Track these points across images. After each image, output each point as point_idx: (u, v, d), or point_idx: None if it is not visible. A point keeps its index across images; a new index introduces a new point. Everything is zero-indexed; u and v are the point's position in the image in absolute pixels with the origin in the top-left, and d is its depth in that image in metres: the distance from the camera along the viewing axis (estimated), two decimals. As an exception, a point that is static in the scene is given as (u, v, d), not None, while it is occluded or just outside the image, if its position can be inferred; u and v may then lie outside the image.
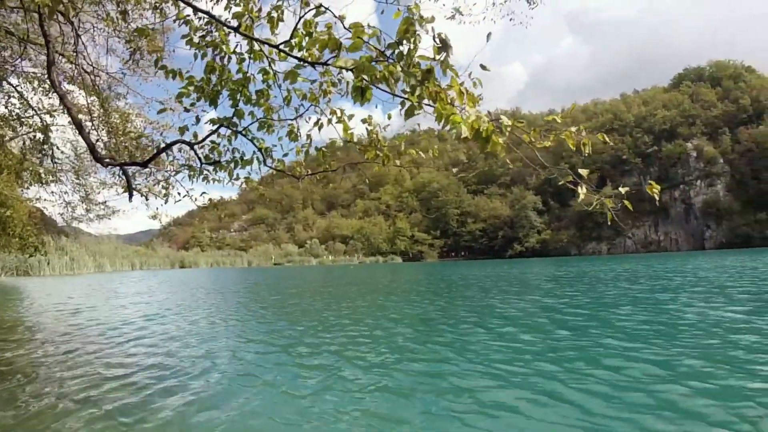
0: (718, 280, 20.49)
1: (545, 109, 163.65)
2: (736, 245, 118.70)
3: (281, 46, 3.99)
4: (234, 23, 4.18)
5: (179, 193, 6.19)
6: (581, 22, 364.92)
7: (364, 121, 4.61)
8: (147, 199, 7.78)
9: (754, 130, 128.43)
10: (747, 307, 11.78)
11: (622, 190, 3.51)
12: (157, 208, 7.69)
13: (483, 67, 3.23)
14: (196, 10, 4.35)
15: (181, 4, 4.62)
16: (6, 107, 9.09)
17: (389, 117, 3.97)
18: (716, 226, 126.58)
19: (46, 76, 8.32)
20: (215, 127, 4.82)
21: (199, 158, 5.25)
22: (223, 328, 11.53)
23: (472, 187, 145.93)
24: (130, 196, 5.66)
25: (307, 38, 3.90)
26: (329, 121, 4.47)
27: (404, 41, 3.14)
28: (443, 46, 3.02)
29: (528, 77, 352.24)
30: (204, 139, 4.98)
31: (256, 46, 4.39)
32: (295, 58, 3.84)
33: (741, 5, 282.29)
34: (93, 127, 9.05)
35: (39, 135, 9.46)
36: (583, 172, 3.37)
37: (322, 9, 3.50)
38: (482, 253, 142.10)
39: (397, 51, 3.17)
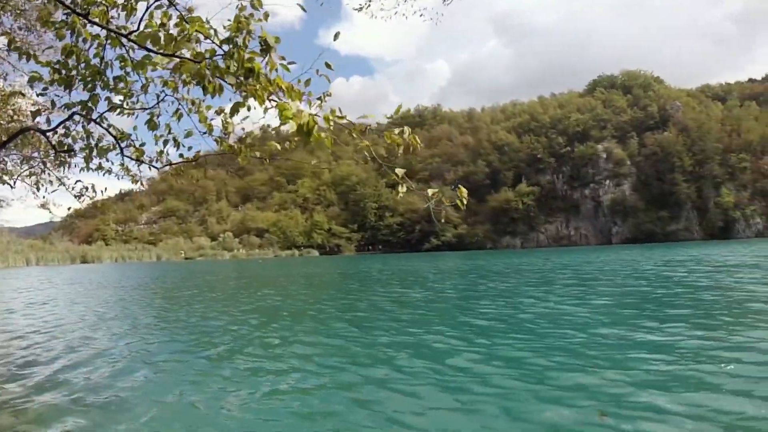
0: (593, 273, 22.85)
1: (466, 107, 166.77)
2: (640, 240, 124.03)
3: (133, 36, 3.87)
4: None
5: (51, 182, 6.34)
6: (506, 25, 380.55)
7: (217, 112, 4.69)
8: (13, 187, 7.13)
9: (659, 135, 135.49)
10: (585, 300, 12.99)
11: (430, 191, 3.55)
12: (44, 197, 7.07)
13: (327, 65, 3.51)
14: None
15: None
16: None
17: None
18: (622, 222, 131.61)
19: None
20: (70, 112, 4.69)
21: (53, 146, 5.21)
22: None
23: (390, 181, 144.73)
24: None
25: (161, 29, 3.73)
26: (189, 111, 4.61)
27: (236, 38, 3.30)
28: (265, 47, 3.27)
29: (452, 75, 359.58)
30: (57, 126, 4.97)
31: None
32: (144, 48, 3.79)
33: (654, 24, 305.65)
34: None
35: None
36: (399, 171, 3.46)
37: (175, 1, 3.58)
38: (399, 246, 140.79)
39: (229, 47, 3.32)
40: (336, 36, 3.62)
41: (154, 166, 5.42)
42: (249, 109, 3.52)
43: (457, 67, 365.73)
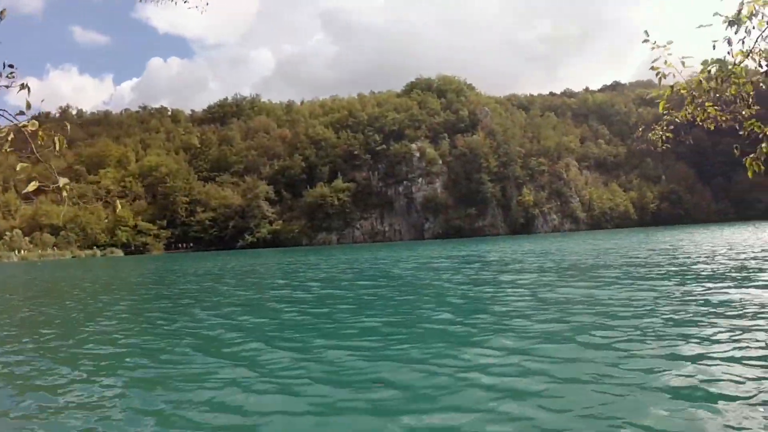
0: (356, 270, 25.91)
1: (285, 100, 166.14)
2: (450, 235, 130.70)
3: None
4: None
5: None
6: (333, 21, 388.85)
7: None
8: None
9: (469, 138, 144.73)
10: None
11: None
12: None
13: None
14: None
15: None
16: None
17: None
18: (434, 218, 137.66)
19: None
20: None
21: None
22: None
23: (203, 174, 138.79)
24: None
25: None
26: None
27: None
28: None
29: (276, 65, 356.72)
30: None
31: None
32: None
33: (475, 38, 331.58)
34: None
35: None
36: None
37: None
38: (212, 243, 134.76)
39: None
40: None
41: None
42: None
43: (283, 57, 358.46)
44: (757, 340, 7.29)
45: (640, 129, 6.50)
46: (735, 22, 5.27)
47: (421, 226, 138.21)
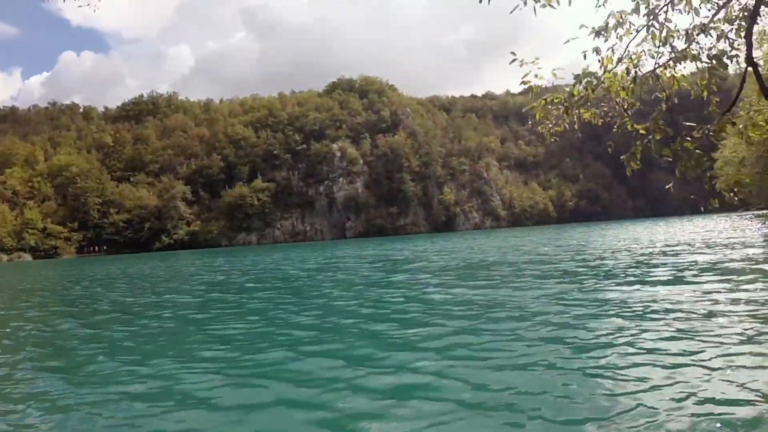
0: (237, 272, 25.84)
1: (204, 98, 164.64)
2: (372, 234, 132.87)
3: None
4: None
5: None
6: (256, 19, 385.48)
7: None
8: None
9: (390, 138, 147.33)
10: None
11: None
12: None
13: None
14: None
15: None
16: None
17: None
18: (355, 218, 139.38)
19: None
20: None
21: None
22: None
23: (116, 174, 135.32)
24: None
25: None
26: None
27: None
28: None
29: (196, 63, 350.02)
30: None
31: None
32: None
33: (400, 39, 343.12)
34: None
35: None
36: None
37: None
38: (127, 246, 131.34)
39: None
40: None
41: None
42: None
43: (203, 55, 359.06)
44: (634, 343, 6.55)
45: (530, 122, 6.46)
46: (601, 32, 5.52)
47: (343, 226, 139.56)
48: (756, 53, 5.55)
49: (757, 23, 5.49)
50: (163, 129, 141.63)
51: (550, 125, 5.96)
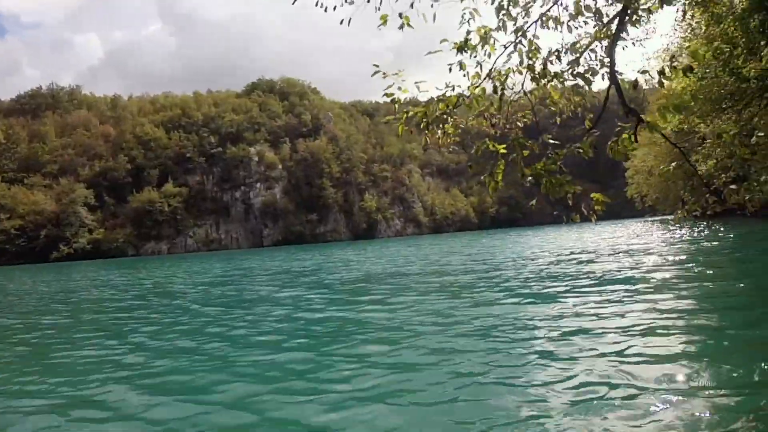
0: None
1: (112, 93, 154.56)
2: (291, 242, 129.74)
3: None
4: None
5: None
6: (173, 11, 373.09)
7: None
8: None
9: (311, 142, 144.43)
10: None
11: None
12: None
13: None
14: None
15: None
16: None
17: None
18: (273, 224, 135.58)
19: None
20: None
21: None
22: None
23: (8, 175, 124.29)
24: None
25: None
26: None
27: None
28: None
29: (105, 54, 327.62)
30: None
31: None
32: None
33: (324, 42, 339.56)
34: None
35: None
36: None
37: None
38: (20, 256, 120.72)
39: None
40: None
41: None
42: None
43: (113, 46, 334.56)
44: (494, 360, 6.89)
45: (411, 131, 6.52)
46: (462, 48, 5.68)
47: (260, 233, 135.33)
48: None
49: (620, 42, 5.59)
50: (63, 126, 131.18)
51: (437, 137, 6.08)
